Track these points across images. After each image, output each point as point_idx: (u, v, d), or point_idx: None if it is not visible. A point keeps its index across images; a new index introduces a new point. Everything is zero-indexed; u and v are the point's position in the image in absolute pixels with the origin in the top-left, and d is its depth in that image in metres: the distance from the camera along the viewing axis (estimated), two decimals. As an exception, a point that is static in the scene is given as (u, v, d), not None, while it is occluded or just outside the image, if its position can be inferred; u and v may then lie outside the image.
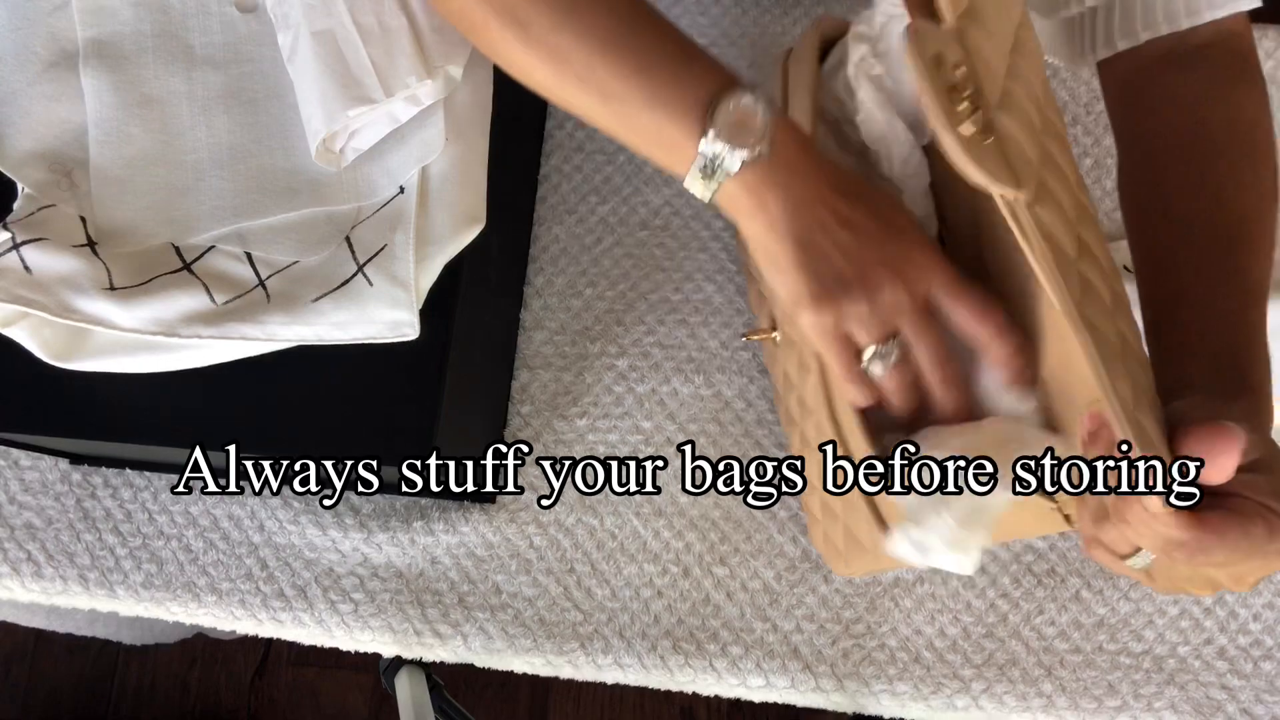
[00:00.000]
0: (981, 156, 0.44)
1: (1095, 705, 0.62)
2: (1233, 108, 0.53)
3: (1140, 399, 0.44)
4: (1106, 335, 0.45)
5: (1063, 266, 0.45)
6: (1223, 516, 0.43)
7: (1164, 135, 0.53)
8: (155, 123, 0.56)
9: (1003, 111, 0.46)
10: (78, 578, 0.66)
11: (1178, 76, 0.54)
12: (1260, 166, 0.52)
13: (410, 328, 0.52)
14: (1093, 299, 0.45)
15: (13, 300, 0.50)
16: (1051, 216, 0.45)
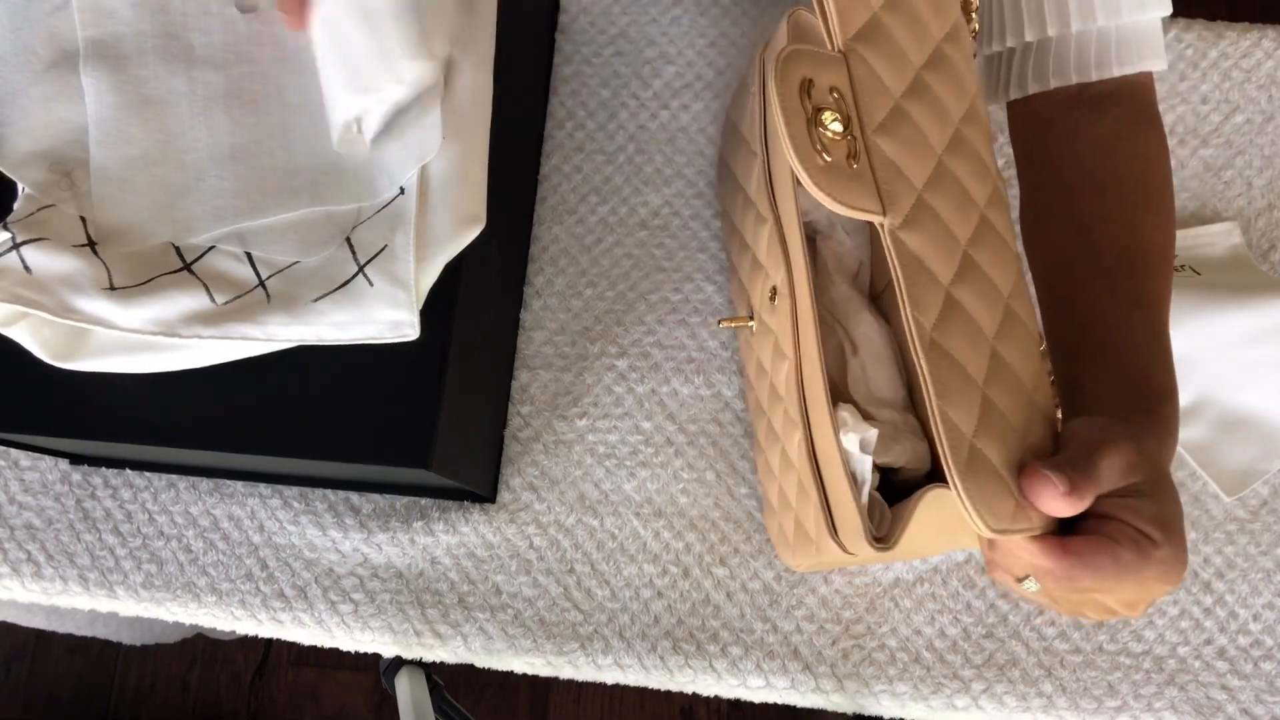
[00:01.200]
0: (835, 182, 0.44)
1: (1095, 705, 0.62)
2: (1138, 147, 0.55)
3: (991, 426, 0.44)
4: (963, 361, 0.45)
5: (920, 290, 0.45)
6: (1091, 543, 0.43)
7: (1076, 168, 0.55)
8: (155, 123, 0.56)
9: (883, 134, 0.46)
10: (78, 578, 0.66)
11: (1089, 115, 0.56)
12: (1163, 201, 0.55)
13: (411, 328, 0.52)
14: (955, 323, 0.45)
15: (13, 300, 0.50)
16: (923, 239, 0.46)
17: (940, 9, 0.50)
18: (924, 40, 0.49)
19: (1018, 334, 0.47)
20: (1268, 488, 0.65)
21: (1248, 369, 0.66)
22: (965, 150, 0.49)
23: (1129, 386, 0.49)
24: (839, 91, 0.46)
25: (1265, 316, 0.66)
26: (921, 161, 0.47)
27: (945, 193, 0.47)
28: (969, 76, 0.51)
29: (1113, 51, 0.55)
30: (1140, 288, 0.51)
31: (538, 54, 0.73)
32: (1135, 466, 0.43)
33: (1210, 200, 0.71)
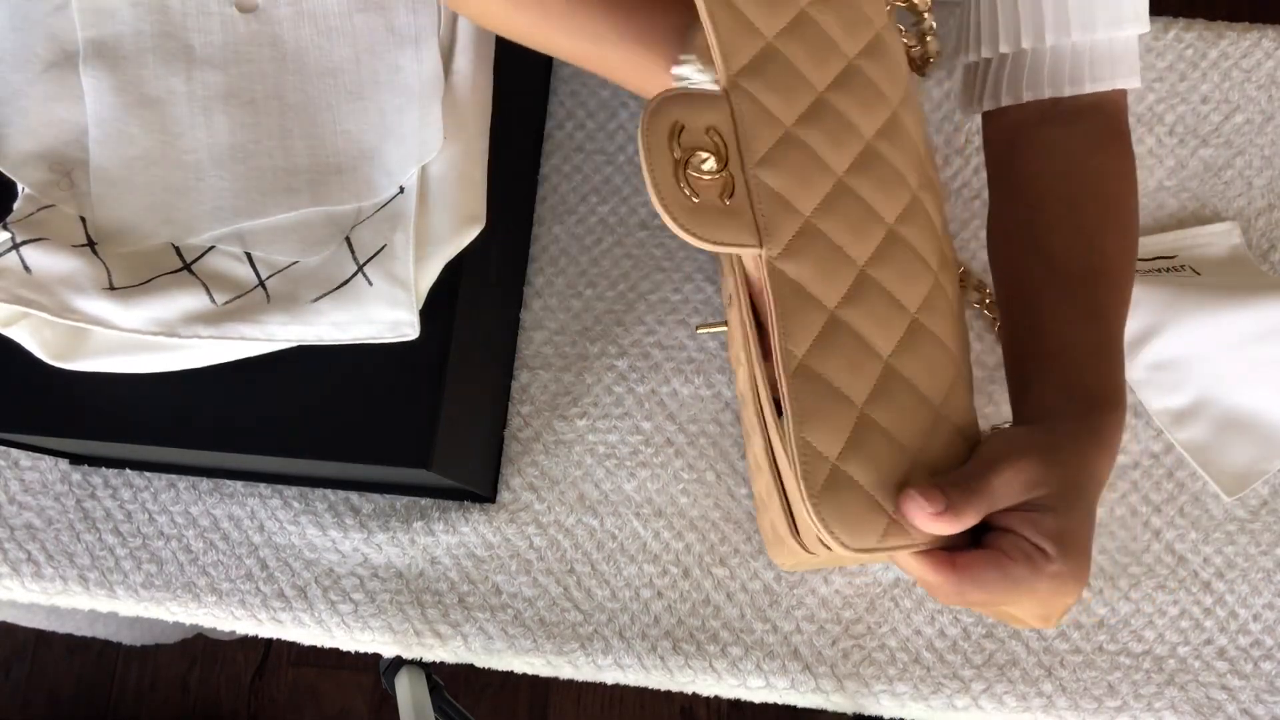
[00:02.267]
0: (702, 221, 0.45)
1: (1095, 706, 0.62)
2: (1104, 165, 0.55)
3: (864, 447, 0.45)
4: (839, 383, 0.46)
5: (796, 318, 0.46)
6: (979, 557, 0.43)
7: (1042, 179, 0.56)
8: (155, 123, 0.56)
9: (766, 166, 0.47)
10: (78, 578, 0.66)
11: (1059, 130, 0.56)
12: (1127, 219, 0.55)
13: (410, 328, 0.52)
14: (836, 346, 0.46)
15: (13, 300, 0.50)
16: (807, 265, 0.46)
17: (854, 26, 0.50)
18: (829, 61, 0.49)
19: (924, 349, 0.48)
20: (1268, 488, 0.65)
21: (1248, 369, 0.66)
22: (875, 168, 0.49)
23: (1069, 393, 0.49)
24: (716, 130, 0.46)
25: (1265, 316, 0.66)
26: (814, 187, 0.47)
27: (842, 214, 0.47)
28: (892, 88, 0.51)
29: (1086, 68, 0.55)
30: (1096, 300, 0.52)
31: (538, 54, 0.73)
32: (1038, 481, 0.44)
33: (1210, 200, 0.71)
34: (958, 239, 0.71)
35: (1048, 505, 0.44)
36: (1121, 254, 0.54)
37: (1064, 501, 0.44)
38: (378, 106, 0.57)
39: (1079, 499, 0.45)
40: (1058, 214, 0.54)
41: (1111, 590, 0.64)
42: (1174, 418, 0.66)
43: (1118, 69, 0.56)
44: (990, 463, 0.45)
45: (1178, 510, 0.65)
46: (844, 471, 0.44)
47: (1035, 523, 0.43)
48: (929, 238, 0.50)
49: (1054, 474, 0.44)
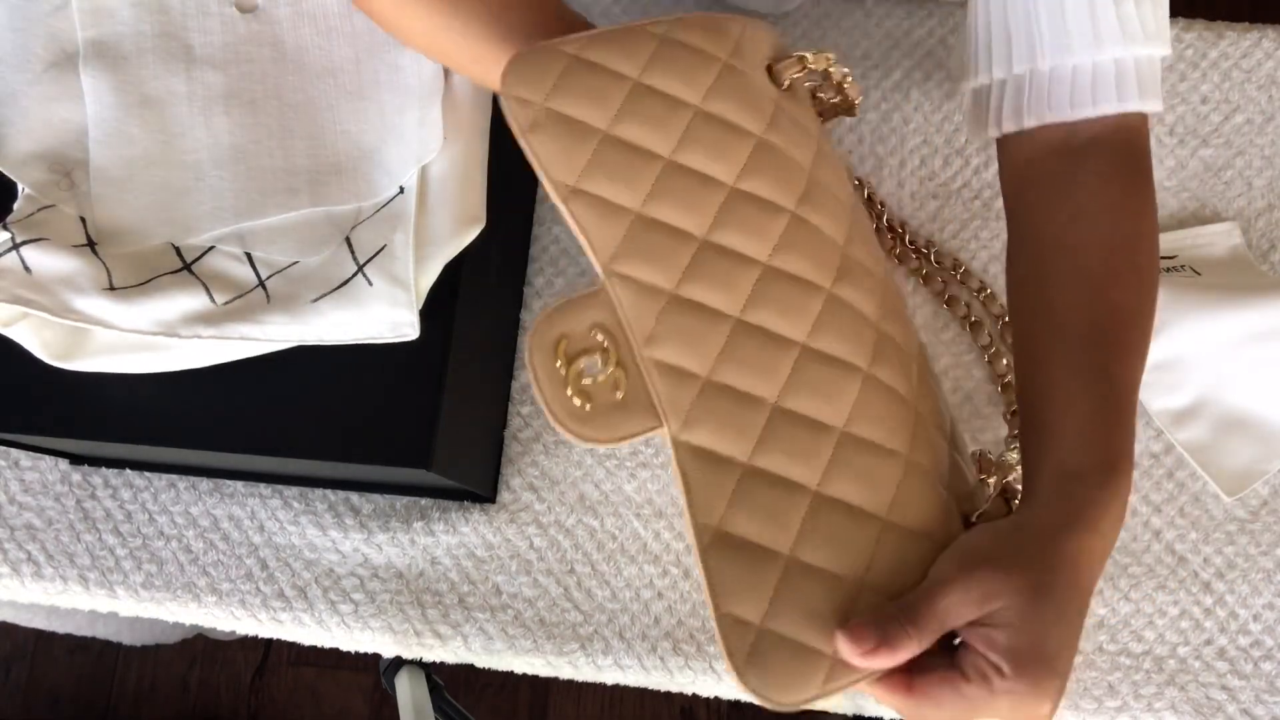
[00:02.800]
0: (598, 423, 0.45)
1: (1095, 706, 0.62)
2: (1118, 208, 0.52)
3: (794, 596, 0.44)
4: (760, 539, 0.45)
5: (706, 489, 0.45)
6: (936, 680, 0.42)
7: (1046, 228, 0.53)
8: (155, 123, 0.56)
9: (655, 344, 0.46)
10: (78, 578, 0.66)
11: (1064, 172, 0.53)
12: (1141, 268, 0.51)
13: (410, 328, 0.52)
14: (754, 499, 0.45)
15: (13, 300, 0.50)
16: (712, 427, 0.45)
17: (727, 149, 0.48)
18: (705, 203, 0.48)
19: (858, 462, 0.46)
20: (1268, 488, 0.65)
21: (1248, 369, 0.66)
22: (775, 290, 0.47)
23: (1059, 472, 0.47)
24: (601, 327, 0.46)
25: (1265, 316, 0.66)
26: (709, 343, 0.46)
27: (745, 358, 0.46)
28: (786, 192, 0.49)
29: (1089, 89, 0.52)
30: (1101, 363, 0.49)
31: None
32: (994, 594, 0.42)
33: (1210, 200, 0.71)
34: (958, 239, 0.71)
35: (1003, 620, 0.41)
36: (1134, 304, 0.50)
37: (1021, 614, 0.41)
38: (378, 106, 0.57)
39: (1043, 606, 0.42)
40: (1062, 263, 0.51)
41: (1111, 590, 0.64)
42: (1174, 418, 0.66)
43: (1127, 91, 0.51)
44: (939, 583, 0.43)
45: (1178, 510, 0.65)
46: (772, 631, 0.43)
47: (989, 639, 0.41)
48: (854, 338, 0.48)
49: (1012, 583, 0.42)
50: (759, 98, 0.50)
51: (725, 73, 0.50)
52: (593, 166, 0.47)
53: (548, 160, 0.47)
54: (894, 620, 0.42)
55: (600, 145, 0.47)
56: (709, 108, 0.49)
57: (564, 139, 0.47)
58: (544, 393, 0.45)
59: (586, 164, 0.47)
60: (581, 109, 0.48)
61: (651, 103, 0.48)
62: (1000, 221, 0.71)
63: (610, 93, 0.48)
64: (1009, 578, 0.42)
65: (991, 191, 0.72)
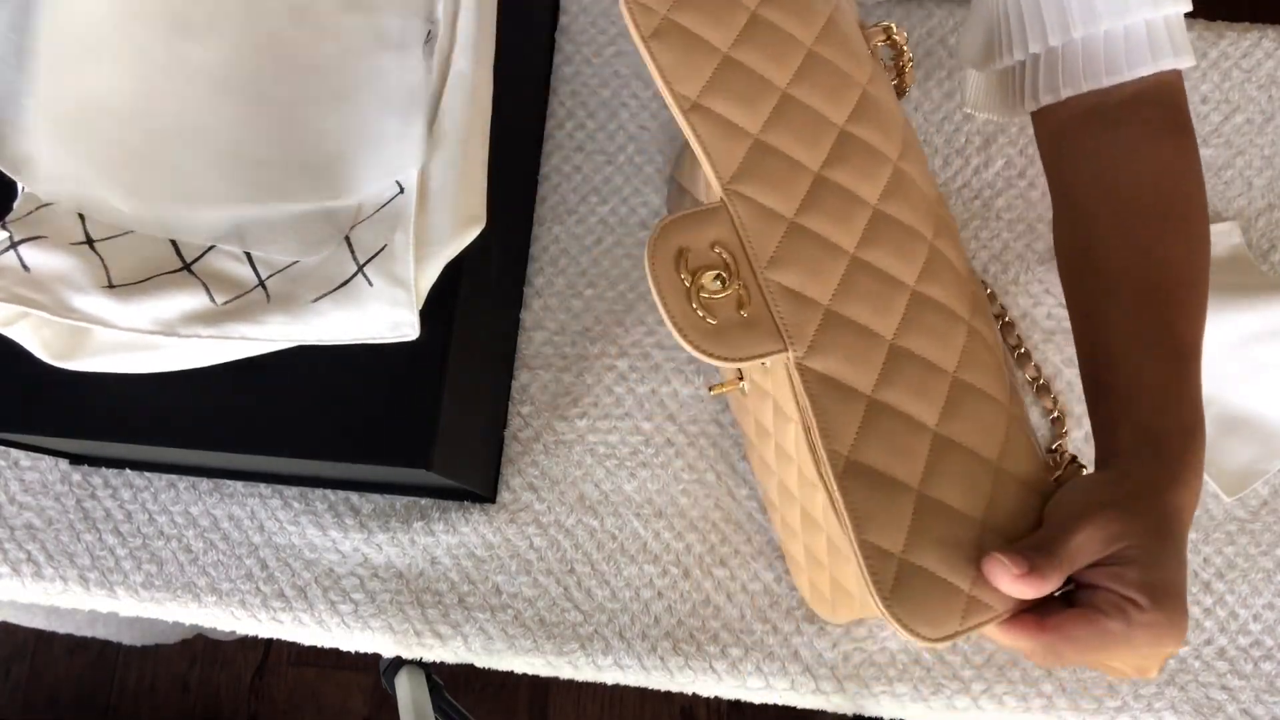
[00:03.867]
0: (724, 340, 0.44)
1: (1095, 706, 0.62)
2: (1160, 163, 0.52)
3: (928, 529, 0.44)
4: (890, 471, 0.45)
5: (834, 414, 0.45)
6: (1071, 616, 0.43)
7: (1090, 191, 0.53)
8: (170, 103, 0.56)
9: (777, 266, 0.46)
10: (78, 578, 0.66)
11: (1103, 133, 0.53)
12: (1189, 222, 0.51)
13: (410, 328, 0.52)
14: (881, 431, 0.45)
15: (11, 299, 0.50)
16: (836, 356, 0.45)
17: (839, 92, 0.49)
18: (821, 138, 0.49)
19: (971, 407, 0.47)
20: (1268, 488, 0.65)
21: (1248, 369, 0.66)
22: (887, 233, 0.48)
23: (1144, 434, 0.47)
24: (722, 244, 0.46)
25: (1265, 316, 0.66)
26: (828, 273, 0.47)
27: (862, 293, 0.47)
28: (888, 144, 0.50)
29: (1123, 55, 0.52)
30: (1162, 323, 0.49)
31: (538, 54, 0.73)
32: (1119, 535, 0.43)
33: (1210, 200, 0.71)
34: (958, 239, 0.71)
35: (1132, 558, 0.42)
36: (1187, 260, 0.50)
37: (1148, 551, 0.43)
38: (358, 110, 0.56)
39: (1165, 545, 0.43)
40: (1110, 225, 0.51)
41: (1111, 590, 0.64)
42: (1174, 418, 0.66)
43: (1160, 50, 0.52)
44: (1067, 523, 0.43)
45: (1178, 510, 0.65)
46: (912, 563, 0.43)
47: (1120, 576, 0.42)
48: (956, 287, 0.49)
49: (1135, 524, 0.43)
50: (860, 51, 0.51)
51: (832, 21, 0.51)
52: (714, 83, 0.47)
53: (670, 70, 0.47)
54: (1037, 551, 0.42)
55: (721, 65, 0.48)
56: (820, 50, 0.50)
57: (686, 51, 0.48)
58: (668, 305, 0.44)
59: (709, 80, 0.47)
60: (704, 26, 0.48)
61: (769, 34, 0.49)
62: (1000, 221, 0.71)
63: (732, 16, 0.48)
64: (1131, 521, 0.43)
65: (991, 191, 0.72)
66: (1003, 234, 0.71)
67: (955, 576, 0.43)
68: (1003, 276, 0.70)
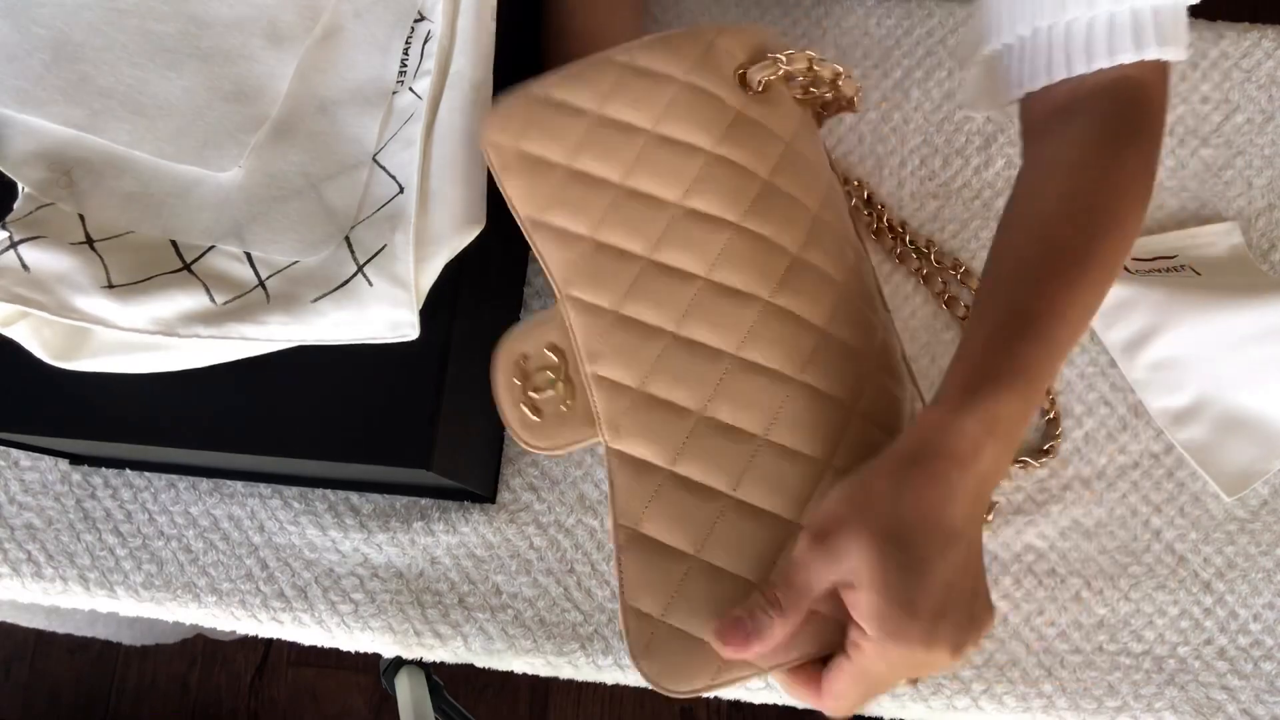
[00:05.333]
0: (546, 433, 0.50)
1: (1095, 706, 0.62)
2: (1090, 155, 0.50)
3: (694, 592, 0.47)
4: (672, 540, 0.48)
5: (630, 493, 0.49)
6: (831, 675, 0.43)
7: (1022, 177, 0.53)
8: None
9: (599, 360, 0.50)
10: (78, 578, 0.66)
11: (1059, 126, 0.52)
12: (1093, 207, 0.48)
13: (410, 328, 0.52)
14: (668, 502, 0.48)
15: (11, 299, 0.50)
16: (640, 435, 0.49)
17: (678, 171, 0.52)
18: (653, 223, 0.51)
19: (770, 469, 0.48)
20: (1268, 488, 0.65)
21: (1248, 369, 0.66)
22: (708, 304, 0.50)
23: (941, 396, 0.45)
24: (553, 346, 0.51)
25: (1265, 316, 0.66)
26: (642, 357, 0.50)
27: (676, 370, 0.50)
28: (732, 204, 0.51)
29: (1105, 39, 0.50)
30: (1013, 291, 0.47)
31: (538, 54, 0.73)
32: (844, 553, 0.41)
33: (1210, 200, 0.71)
34: (957, 239, 0.71)
35: (860, 580, 0.40)
36: (1077, 241, 0.48)
37: (876, 569, 0.40)
38: None
39: (900, 553, 0.40)
40: (1019, 209, 0.51)
41: (1111, 590, 0.64)
42: (1174, 418, 0.66)
43: (1144, 38, 0.49)
44: (794, 559, 0.43)
45: (1178, 510, 0.65)
46: (669, 625, 0.47)
47: (854, 602, 0.41)
48: (791, 340, 0.50)
49: (857, 539, 0.40)
50: (714, 112, 0.53)
51: (680, 92, 0.53)
52: (552, 200, 0.52)
53: (516, 198, 0.52)
54: (759, 608, 0.43)
55: (560, 179, 0.52)
56: (661, 130, 0.52)
57: (530, 176, 0.52)
58: (502, 405, 0.51)
59: (547, 198, 0.52)
60: (546, 147, 0.52)
61: (608, 133, 0.52)
62: (1000, 221, 0.71)
63: (571, 129, 0.52)
64: (854, 533, 0.41)
65: (992, 191, 0.72)
66: (1003, 234, 0.71)
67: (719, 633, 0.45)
68: (1003, 276, 0.70)
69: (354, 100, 0.57)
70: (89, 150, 0.55)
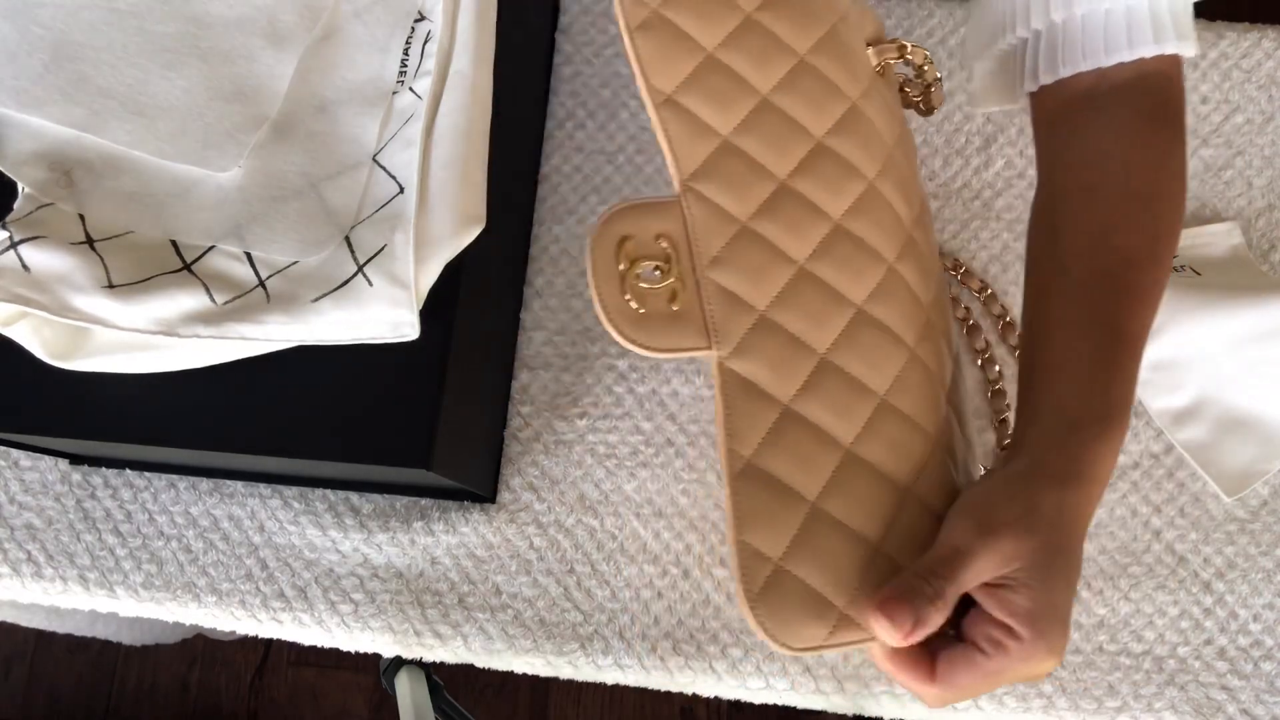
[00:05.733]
0: (648, 329, 0.45)
1: (1095, 706, 0.62)
2: (1137, 150, 0.51)
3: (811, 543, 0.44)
4: (790, 480, 0.45)
5: (742, 417, 0.46)
6: (957, 661, 0.42)
7: (1065, 172, 0.52)
8: None
9: (718, 266, 0.46)
10: (78, 578, 0.66)
11: (1091, 116, 0.52)
12: (1156, 214, 0.50)
13: (411, 328, 0.52)
14: (787, 441, 0.45)
15: (12, 299, 0.50)
16: (759, 362, 0.46)
17: (823, 104, 0.50)
18: (792, 148, 0.49)
19: (891, 431, 0.47)
20: (1268, 488, 0.65)
21: (1248, 369, 0.66)
22: (841, 249, 0.48)
23: (1059, 416, 0.46)
24: (667, 237, 0.47)
25: (1265, 316, 0.66)
26: (770, 280, 0.47)
27: (802, 304, 0.47)
28: (868, 160, 0.50)
29: (1124, 33, 0.51)
30: (1104, 307, 0.48)
31: (538, 54, 0.73)
32: (1013, 556, 0.42)
33: (1210, 200, 0.72)
34: (957, 239, 0.71)
35: (1021, 580, 0.41)
36: (1145, 250, 0.49)
37: (1038, 574, 0.42)
38: None
39: (1056, 563, 0.42)
40: (1074, 208, 0.51)
41: (1111, 590, 0.64)
42: (1174, 418, 0.66)
43: (1162, 33, 0.51)
44: (962, 552, 0.42)
45: (1178, 510, 0.65)
46: (788, 571, 0.44)
47: (1006, 602, 0.41)
48: (906, 313, 0.49)
49: (1028, 543, 0.42)
50: (859, 65, 0.51)
51: (833, 32, 0.51)
52: (692, 81, 0.48)
53: (648, 62, 0.48)
54: (923, 596, 0.42)
55: (703, 64, 0.48)
56: (813, 60, 0.50)
57: (669, 47, 0.48)
58: (599, 289, 0.45)
59: (686, 77, 0.48)
60: (693, 24, 0.48)
61: (759, 39, 0.49)
62: (1000, 221, 0.71)
63: (723, 17, 0.49)
64: (1026, 539, 0.42)
65: (991, 191, 0.72)
66: (1003, 234, 0.71)
67: (831, 591, 0.44)
68: (1003, 277, 0.70)
69: (354, 100, 0.57)
70: (89, 150, 0.55)
